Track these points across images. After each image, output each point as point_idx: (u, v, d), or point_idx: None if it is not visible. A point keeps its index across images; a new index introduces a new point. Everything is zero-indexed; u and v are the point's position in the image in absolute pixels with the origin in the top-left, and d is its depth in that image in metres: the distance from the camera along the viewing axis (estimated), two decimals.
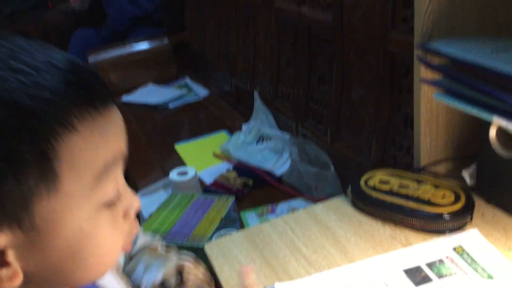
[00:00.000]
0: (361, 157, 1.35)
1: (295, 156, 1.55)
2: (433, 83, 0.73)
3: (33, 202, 0.35)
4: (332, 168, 1.41)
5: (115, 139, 0.39)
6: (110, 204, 0.40)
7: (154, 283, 0.73)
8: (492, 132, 0.72)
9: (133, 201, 0.43)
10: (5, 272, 0.36)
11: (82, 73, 0.38)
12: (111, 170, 0.39)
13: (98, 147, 0.37)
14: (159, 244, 0.82)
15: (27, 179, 0.34)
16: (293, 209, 1.37)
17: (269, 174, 1.61)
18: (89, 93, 0.37)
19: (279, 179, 1.58)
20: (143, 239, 0.81)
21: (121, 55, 2.53)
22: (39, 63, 0.35)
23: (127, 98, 2.35)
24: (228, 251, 0.77)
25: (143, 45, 2.59)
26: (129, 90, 2.41)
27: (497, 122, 0.63)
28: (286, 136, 1.69)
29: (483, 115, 0.64)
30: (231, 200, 1.30)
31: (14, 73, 0.34)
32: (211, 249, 0.78)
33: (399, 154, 1.20)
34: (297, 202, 1.42)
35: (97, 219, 0.39)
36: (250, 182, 1.57)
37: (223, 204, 1.28)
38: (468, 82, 0.67)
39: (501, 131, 0.72)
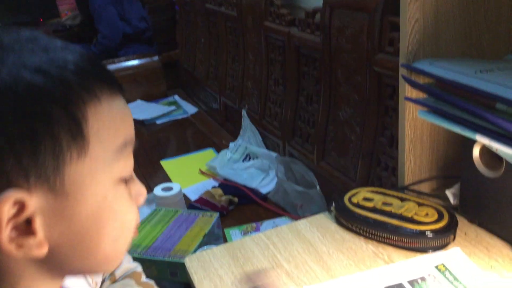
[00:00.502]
0: (346, 176, 1.35)
1: (281, 175, 1.55)
2: (418, 101, 0.74)
3: (65, 164, 0.37)
4: (318, 187, 1.41)
5: (130, 122, 0.43)
6: (126, 181, 0.42)
7: None
8: (476, 152, 0.73)
9: (141, 188, 0.45)
10: (32, 241, 0.37)
11: (97, 59, 0.42)
12: (128, 149, 0.42)
13: (118, 123, 0.41)
14: (141, 271, 0.79)
15: (60, 139, 0.36)
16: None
17: (255, 192, 1.60)
18: (109, 74, 0.41)
19: (265, 197, 1.58)
20: (127, 263, 0.78)
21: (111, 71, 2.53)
22: (59, 46, 0.39)
23: None
24: (208, 265, 0.76)
25: (133, 62, 2.60)
26: None
27: (480, 141, 0.64)
28: (273, 154, 1.69)
29: (467, 133, 0.65)
30: (215, 216, 1.28)
31: (42, 51, 0.38)
32: (191, 262, 0.77)
33: (384, 175, 1.20)
34: (281, 220, 1.41)
35: (117, 191, 0.41)
36: (236, 199, 1.56)
37: (207, 221, 1.27)
38: (452, 101, 0.68)
39: (484, 151, 0.73)
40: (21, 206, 0.36)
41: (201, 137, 2.10)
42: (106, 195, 0.40)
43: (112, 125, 0.40)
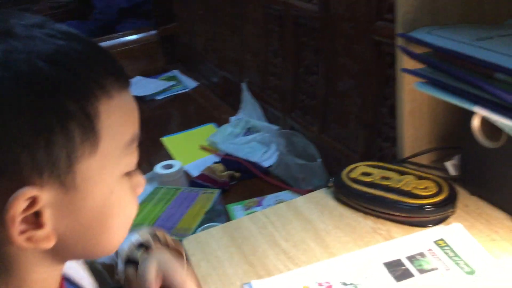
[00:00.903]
0: (348, 148, 1.33)
1: (282, 148, 1.54)
2: (415, 73, 0.71)
3: (77, 159, 0.37)
4: (319, 160, 1.40)
5: (136, 117, 0.42)
6: (130, 175, 0.43)
7: (131, 243, 0.69)
8: (475, 122, 0.71)
9: (141, 179, 0.45)
10: (40, 233, 0.37)
11: (106, 50, 0.40)
12: (134, 144, 0.42)
13: (127, 119, 0.40)
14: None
15: (73, 134, 0.36)
16: (279, 202, 1.35)
17: (257, 166, 1.59)
18: (118, 66, 0.40)
19: (266, 171, 1.57)
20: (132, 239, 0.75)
21: (109, 47, 2.50)
22: (65, 32, 0.38)
23: None
24: (206, 247, 0.75)
25: (131, 37, 2.56)
26: None
27: (479, 112, 0.61)
28: (274, 127, 1.67)
29: (465, 104, 0.62)
30: (216, 193, 1.28)
31: (49, 37, 0.36)
32: (189, 244, 0.76)
33: (386, 145, 1.19)
34: (284, 194, 1.41)
35: (122, 185, 0.42)
36: (237, 174, 1.56)
37: (208, 198, 1.26)
38: (450, 72, 0.65)
39: (484, 121, 0.70)
40: (32, 201, 0.36)
41: (202, 112, 2.08)
42: (112, 189, 0.41)
43: (122, 121, 0.40)
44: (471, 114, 0.71)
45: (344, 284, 0.63)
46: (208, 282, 0.68)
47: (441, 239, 0.68)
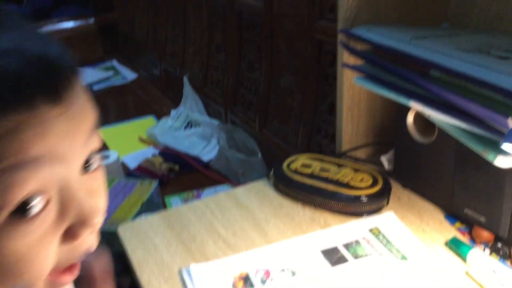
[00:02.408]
0: (288, 144, 1.35)
1: (223, 143, 1.54)
2: (355, 67, 0.74)
3: None
4: (260, 155, 1.41)
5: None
6: (20, 214, 0.30)
7: None
8: (410, 118, 0.74)
9: (86, 216, 0.32)
10: None
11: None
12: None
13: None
14: None
15: None
16: None
17: (196, 160, 1.58)
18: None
19: (206, 165, 1.56)
20: None
21: None
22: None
23: None
24: (143, 234, 0.73)
25: (67, 24, 2.45)
26: None
27: (414, 107, 0.64)
28: (215, 122, 1.67)
29: (401, 99, 0.65)
30: (154, 184, 1.25)
31: None
32: (125, 231, 0.74)
33: (325, 142, 1.21)
34: (223, 188, 1.40)
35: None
36: (176, 167, 1.53)
37: (146, 189, 1.23)
38: (388, 68, 0.68)
39: (418, 118, 0.74)
40: None
41: (141, 104, 2.03)
42: None
43: None
44: (406, 110, 0.74)
45: (282, 270, 0.64)
46: (144, 268, 0.67)
47: (375, 228, 0.71)
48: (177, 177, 1.51)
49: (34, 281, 0.32)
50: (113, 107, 2.08)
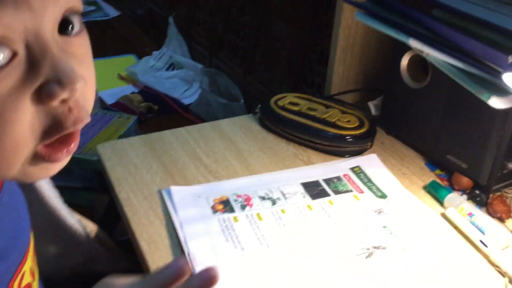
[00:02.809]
0: (272, 92, 1.33)
1: (205, 86, 1.51)
2: (356, 3, 0.72)
3: None
4: (242, 101, 1.39)
5: None
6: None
7: None
8: (404, 62, 0.73)
9: (62, 76, 0.29)
10: None
11: None
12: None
13: None
14: None
15: None
16: None
17: (177, 102, 1.55)
18: None
19: (186, 108, 1.53)
20: None
21: None
22: None
23: None
24: (123, 153, 0.72)
25: None
26: None
27: (413, 46, 0.63)
28: (199, 66, 1.63)
29: (401, 37, 0.64)
30: (132, 119, 1.23)
31: None
32: (104, 149, 0.72)
33: (310, 92, 1.20)
34: None
35: None
36: (156, 107, 1.50)
37: (123, 122, 1.21)
38: (390, 4, 0.67)
39: (412, 62, 0.73)
40: None
41: (122, 42, 1.97)
42: None
43: None
44: (400, 54, 0.73)
45: (262, 198, 0.64)
46: (123, 185, 0.65)
47: (357, 167, 0.71)
48: (155, 118, 1.49)
49: (15, 152, 0.30)
50: (92, 42, 2.01)
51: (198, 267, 0.52)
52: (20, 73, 0.29)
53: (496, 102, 0.54)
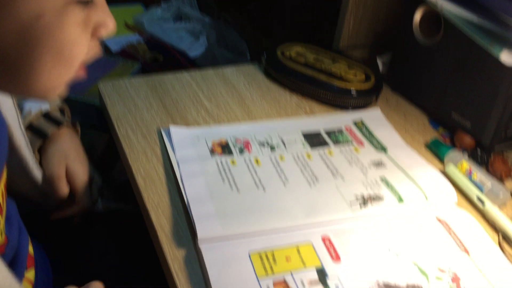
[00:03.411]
0: None
1: (212, 40, 1.48)
2: None
3: None
4: (249, 56, 1.37)
5: None
6: (87, 7, 0.36)
7: (39, 110, 0.65)
8: (417, 17, 0.71)
9: (106, 18, 0.38)
10: None
11: None
12: None
13: None
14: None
15: None
16: None
17: (182, 54, 1.52)
18: None
19: (192, 61, 1.51)
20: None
21: None
22: None
23: None
24: (124, 92, 0.71)
25: None
26: None
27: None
28: (206, 19, 1.60)
29: None
30: (136, 66, 1.21)
31: None
32: (105, 87, 0.71)
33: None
34: None
35: (63, 15, 0.34)
36: (161, 58, 1.48)
37: (128, 68, 1.20)
38: None
39: (424, 18, 0.71)
40: None
41: None
42: (42, 14, 0.33)
43: None
44: (413, 9, 0.71)
45: (262, 144, 0.63)
46: (123, 122, 0.65)
47: (360, 120, 0.70)
48: (160, 69, 1.47)
49: (75, 67, 0.37)
50: None
51: (194, 204, 0.52)
52: (88, 16, 0.36)
53: (507, 57, 0.53)
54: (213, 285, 0.44)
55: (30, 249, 0.57)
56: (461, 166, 0.61)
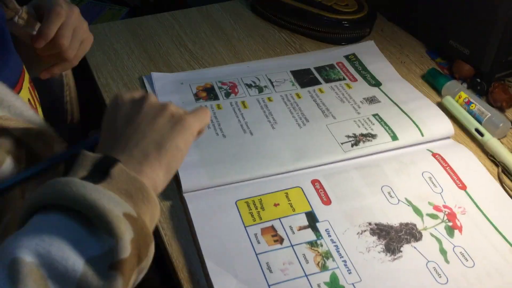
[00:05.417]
0: None
1: None
2: None
3: None
4: None
5: None
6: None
7: None
8: None
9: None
10: None
11: None
12: None
13: None
14: None
15: None
16: None
17: None
18: None
19: (185, 3, 1.45)
20: None
21: None
22: None
23: None
24: (103, 38, 0.67)
25: None
26: None
27: None
28: None
29: None
30: (124, 11, 1.16)
31: None
32: None
33: None
34: None
35: None
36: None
37: (115, 14, 1.14)
38: None
39: None
40: None
41: None
42: None
43: None
44: None
45: (249, 86, 0.60)
46: (103, 72, 0.62)
47: (352, 54, 0.67)
48: (151, 12, 1.41)
49: None
50: None
51: None
52: None
53: None
54: (198, 236, 0.43)
55: None
56: (459, 97, 0.58)
